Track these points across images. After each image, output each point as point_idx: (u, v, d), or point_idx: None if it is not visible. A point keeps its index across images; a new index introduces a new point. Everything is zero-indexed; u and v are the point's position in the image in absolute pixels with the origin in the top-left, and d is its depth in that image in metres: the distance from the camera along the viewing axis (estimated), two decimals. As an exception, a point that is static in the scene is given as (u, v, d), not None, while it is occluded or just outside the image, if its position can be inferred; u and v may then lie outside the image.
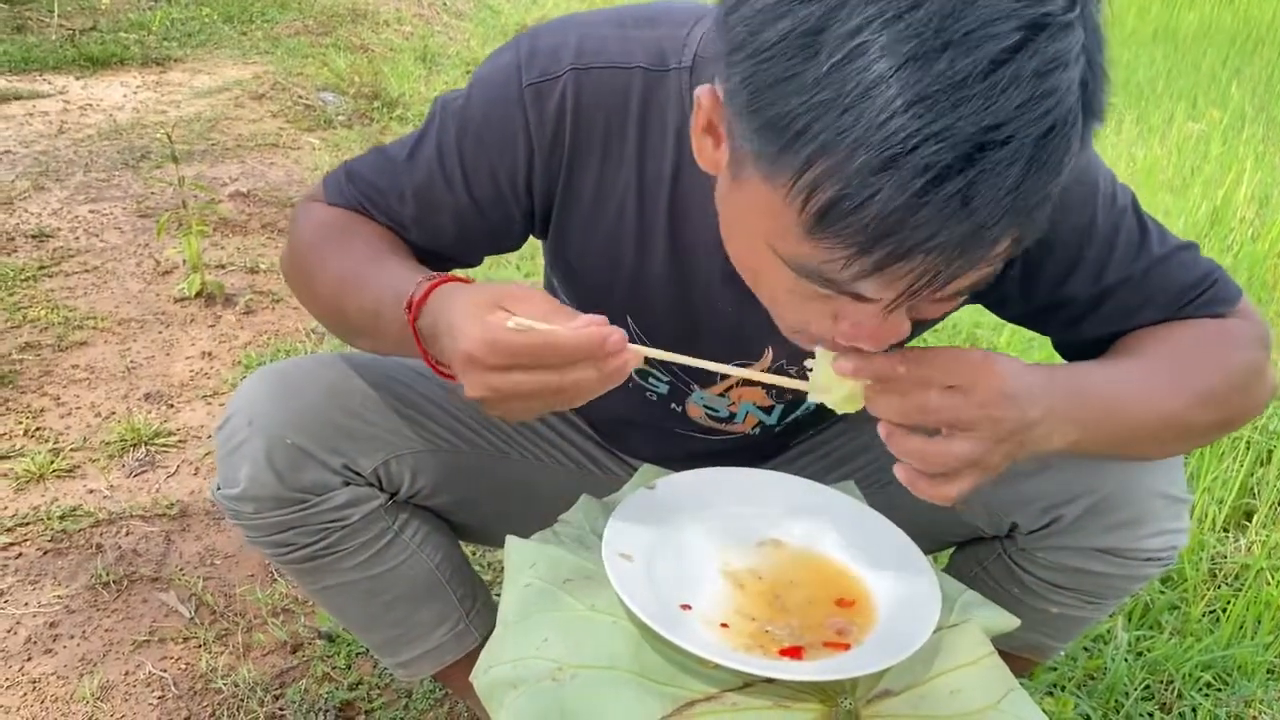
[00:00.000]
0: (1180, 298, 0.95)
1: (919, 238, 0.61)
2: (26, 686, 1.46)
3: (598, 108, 0.89)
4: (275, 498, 0.99)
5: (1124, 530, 1.00)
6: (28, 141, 3.48)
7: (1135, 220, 0.94)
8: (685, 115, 0.88)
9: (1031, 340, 2.56)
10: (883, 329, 0.73)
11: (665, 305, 0.97)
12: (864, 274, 0.65)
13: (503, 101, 0.90)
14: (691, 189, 0.90)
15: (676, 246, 0.94)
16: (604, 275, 0.97)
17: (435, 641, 1.16)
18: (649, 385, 1.06)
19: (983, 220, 0.61)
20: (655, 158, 0.90)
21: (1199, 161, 3.92)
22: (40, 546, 1.72)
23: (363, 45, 5.02)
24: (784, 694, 0.79)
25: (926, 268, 0.64)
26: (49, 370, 2.21)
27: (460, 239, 0.99)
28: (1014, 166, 0.59)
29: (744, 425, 1.10)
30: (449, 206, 0.96)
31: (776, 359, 1.00)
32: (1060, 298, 0.95)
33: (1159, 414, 0.89)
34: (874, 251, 0.63)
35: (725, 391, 1.04)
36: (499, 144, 0.91)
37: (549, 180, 0.92)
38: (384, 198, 0.98)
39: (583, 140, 0.90)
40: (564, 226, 0.96)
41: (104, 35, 4.67)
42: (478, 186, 0.94)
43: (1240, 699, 1.52)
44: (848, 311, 0.73)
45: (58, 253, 2.73)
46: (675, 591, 0.85)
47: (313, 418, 0.98)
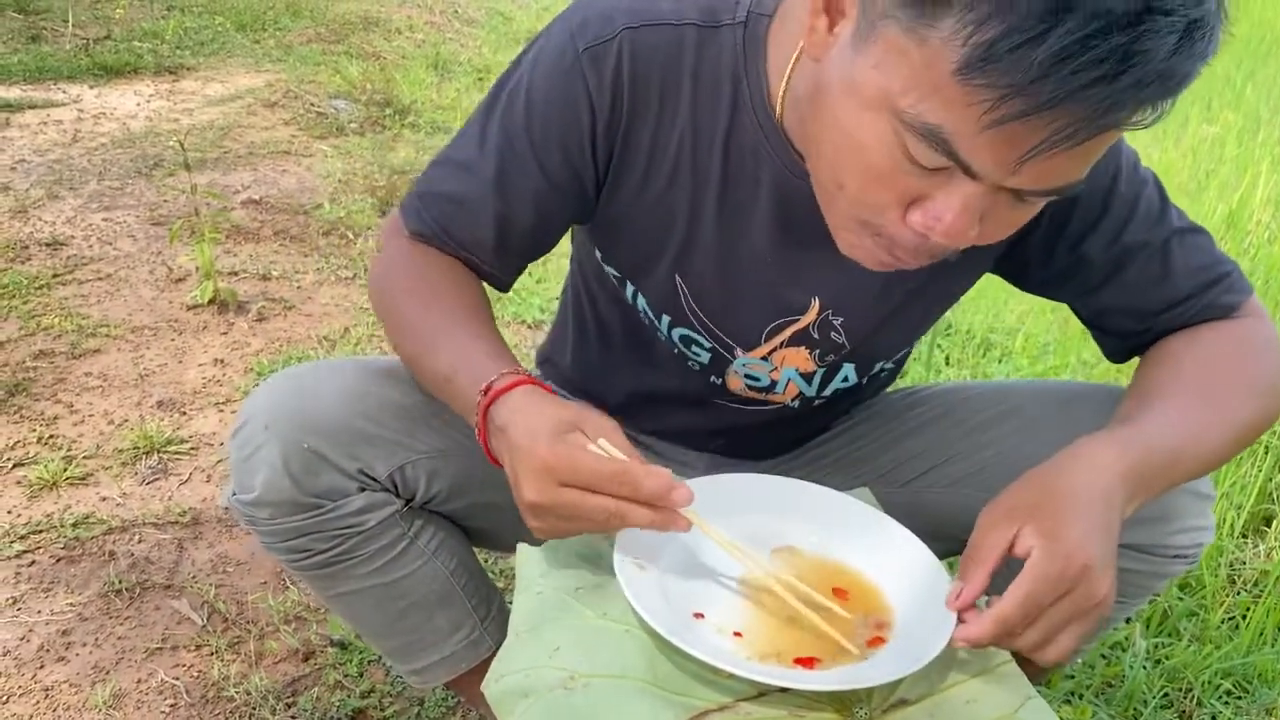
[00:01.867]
0: (1199, 277, 0.97)
1: (1074, 85, 0.63)
2: (39, 694, 1.46)
3: (653, 65, 0.90)
4: (291, 503, 0.98)
5: (1151, 526, 0.99)
6: (42, 150, 3.50)
7: (1157, 193, 0.97)
8: (739, 70, 0.90)
9: (1046, 346, 2.55)
10: (959, 221, 0.74)
11: (714, 262, 0.98)
12: (1006, 119, 0.65)
13: (561, 72, 0.91)
14: (745, 141, 0.92)
15: (728, 201, 0.95)
16: (656, 235, 0.98)
17: (449, 649, 1.15)
18: (691, 354, 1.06)
19: (1136, 79, 0.63)
20: (709, 113, 0.92)
21: (1214, 165, 3.90)
22: (53, 554, 1.72)
23: (375, 53, 5.04)
24: (799, 703, 0.78)
25: (1066, 122, 0.65)
26: (62, 378, 2.22)
27: (538, 221, 0.99)
28: (1170, 37, 0.62)
29: (784, 395, 1.09)
30: (526, 190, 0.96)
31: (823, 311, 1.00)
32: (1079, 257, 0.97)
33: (1206, 459, 0.91)
34: (1026, 95, 0.64)
35: (769, 355, 1.03)
36: (563, 115, 0.92)
37: (609, 142, 0.94)
38: (462, 209, 0.98)
39: (639, 99, 0.91)
40: (619, 187, 0.97)
41: (118, 44, 4.69)
42: (549, 163, 0.95)
43: (1261, 707, 1.50)
44: (933, 195, 0.74)
45: (71, 260, 2.74)
46: (688, 600, 0.84)
47: (329, 422, 0.98)
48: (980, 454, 1.09)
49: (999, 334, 2.60)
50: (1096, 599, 0.78)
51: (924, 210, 0.75)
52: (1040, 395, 1.09)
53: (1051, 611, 0.77)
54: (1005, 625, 0.77)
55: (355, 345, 2.45)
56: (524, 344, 2.51)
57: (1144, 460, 0.84)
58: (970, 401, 1.13)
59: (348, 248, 2.99)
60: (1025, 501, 0.81)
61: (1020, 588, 0.76)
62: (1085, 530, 0.78)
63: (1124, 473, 0.82)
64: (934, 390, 1.19)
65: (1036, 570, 0.77)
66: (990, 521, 0.82)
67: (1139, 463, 0.83)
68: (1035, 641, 0.78)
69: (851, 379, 1.08)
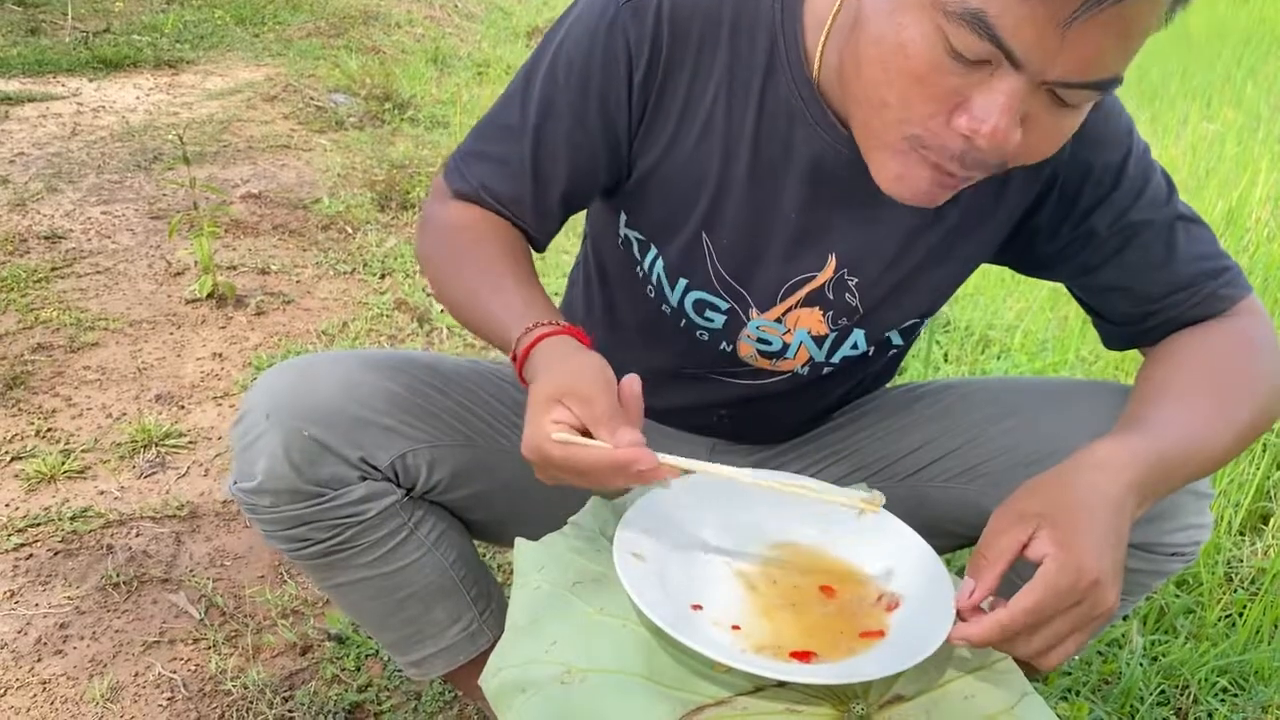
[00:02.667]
0: (1200, 266, 0.98)
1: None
2: (36, 687, 1.46)
3: (693, 18, 0.92)
4: (292, 491, 0.98)
5: (1149, 525, 0.99)
6: (41, 143, 3.49)
7: (1164, 180, 0.98)
8: (776, 27, 0.91)
9: (1044, 343, 2.55)
10: (1003, 119, 0.74)
11: (740, 217, 0.99)
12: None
13: (604, 27, 0.93)
14: (778, 99, 0.93)
15: (760, 159, 0.95)
16: (686, 191, 0.99)
17: (448, 641, 1.15)
18: (702, 322, 1.06)
19: None
20: (745, 68, 0.93)
21: (1214, 162, 3.90)
22: (51, 547, 1.72)
23: (374, 47, 5.03)
24: (796, 698, 0.78)
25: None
26: (60, 371, 2.22)
27: (577, 179, 1.01)
28: None
29: (794, 361, 1.08)
30: (564, 147, 0.98)
31: (838, 269, 1.00)
32: (1086, 232, 0.97)
33: (1213, 459, 0.91)
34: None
35: (782, 316, 1.04)
36: (604, 69, 0.94)
37: (645, 96, 0.95)
38: (503, 169, 1.00)
39: (677, 53, 0.93)
40: (650, 141, 0.98)
41: (117, 37, 4.69)
42: (588, 118, 0.96)
43: (1257, 704, 1.50)
44: (974, 96, 0.74)
45: (70, 254, 2.74)
46: (686, 593, 0.84)
47: (331, 411, 0.98)
48: (980, 450, 1.09)
49: (997, 330, 2.60)
50: (1102, 609, 0.78)
51: (968, 112, 0.75)
52: (1041, 392, 1.09)
53: (1057, 621, 0.78)
54: (1008, 631, 0.77)
55: (354, 339, 2.45)
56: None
57: (1156, 464, 0.84)
58: (971, 397, 1.13)
59: (346, 242, 2.99)
60: (1040, 506, 0.81)
61: (1029, 597, 0.76)
62: (1098, 541, 0.78)
63: (1137, 479, 0.82)
64: (934, 385, 1.19)
65: (1048, 581, 0.77)
66: (1004, 523, 0.81)
67: (1151, 468, 0.83)
68: (1036, 649, 0.78)
69: (861, 345, 1.08)
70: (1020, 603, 0.77)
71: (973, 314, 2.66)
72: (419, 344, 2.48)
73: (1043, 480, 0.83)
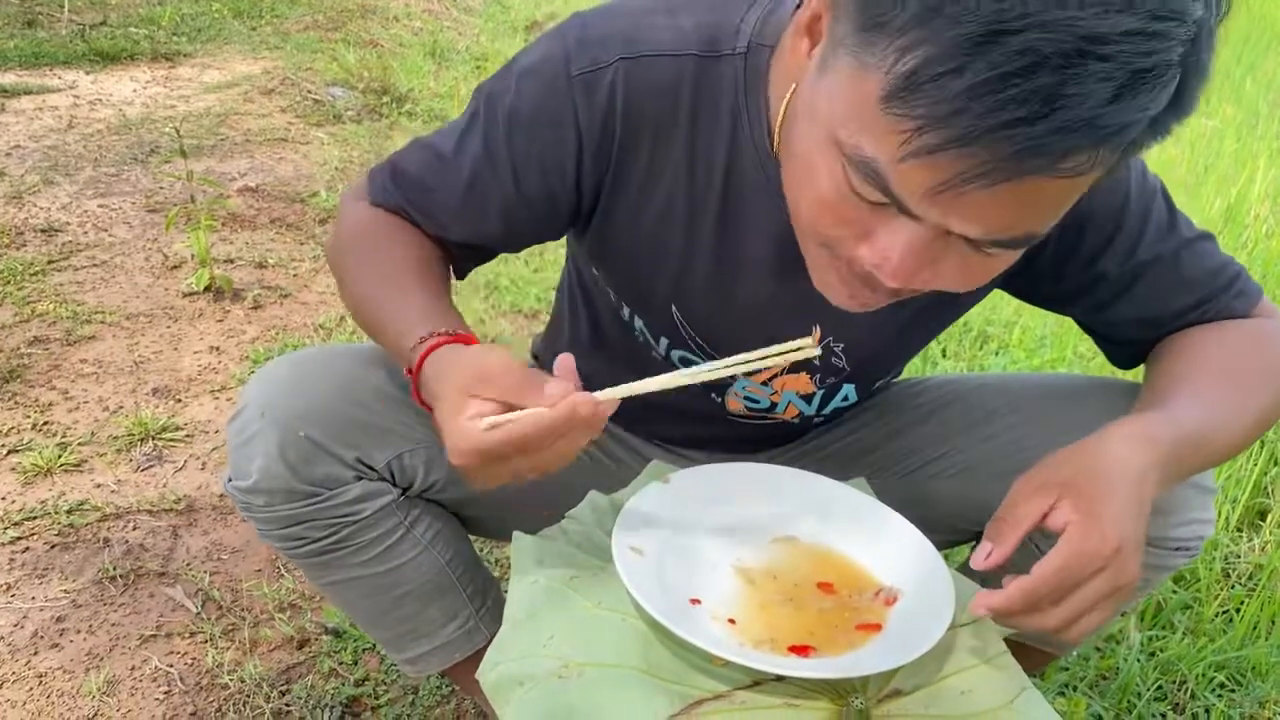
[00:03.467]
0: (1209, 283, 0.97)
1: (992, 123, 0.60)
2: (33, 681, 1.45)
3: (647, 97, 0.88)
4: (287, 490, 0.98)
5: (1154, 519, 0.98)
6: (37, 136, 3.48)
7: (1165, 204, 0.96)
8: (739, 101, 0.88)
9: (1043, 338, 2.55)
10: (906, 261, 0.71)
11: (711, 296, 0.97)
12: (923, 151, 0.63)
13: (551, 93, 0.89)
14: (744, 174, 0.90)
15: (727, 236, 0.93)
16: (650, 267, 0.97)
17: (444, 638, 1.15)
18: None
19: (1060, 124, 0.59)
20: (707, 144, 0.90)
21: (1213, 159, 3.90)
22: (47, 541, 1.71)
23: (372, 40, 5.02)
24: (794, 693, 0.77)
25: (985, 159, 0.62)
26: (57, 364, 2.21)
27: (505, 232, 0.99)
28: (1105, 85, 0.59)
29: (784, 415, 1.09)
30: (496, 202, 0.95)
31: (824, 338, 0.99)
32: (1093, 275, 0.96)
33: (1231, 444, 0.90)
34: (942, 128, 0.61)
35: (768, 381, 1.03)
36: (547, 137, 0.90)
37: (598, 171, 0.92)
38: (428, 197, 0.98)
39: (632, 130, 0.89)
40: (610, 217, 0.95)
41: (114, 30, 4.67)
42: (526, 181, 0.93)
43: (1254, 700, 1.50)
44: (881, 231, 0.72)
45: (66, 247, 2.73)
46: (685, 587, 0.84)
47: (326, 410, 0.97)
48: (981, 447, 1.09)
49: (996, 326, 2.60)
50: (1126, 579, 0.77)
51: (870, 245, 0.73)
52: (1042, 389, 1.09)
53: (1083, 590, 0.76)
54: (1032, 598, 0.76)
55: (351, 333, 2.45)
56: (520, 333, 2.51)
57: (1176, 443, 0.83)
58: (972, 394, 1.13)
59: (344, 236, 2.98)
60: (1063, 476, 0.80)
61: (1053, 562, 0.75)
62: (1120, 511, 0.77)
63: (1159, 456, 0.81)
64: (935, 382, 1.19)
65: (1073, 545, 0.75)
66: (1026, 491, 0.81)
67: (1172, 446, 0.83)
68: (1063, 619, 0.77)
69: (852, 398, 1.08)
70: (1044, 568, 0.75)
71: (971, 311, 2.66)
72: (417, 338, 2.47)
73: (1067, 452, 0.82)
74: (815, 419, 1.11)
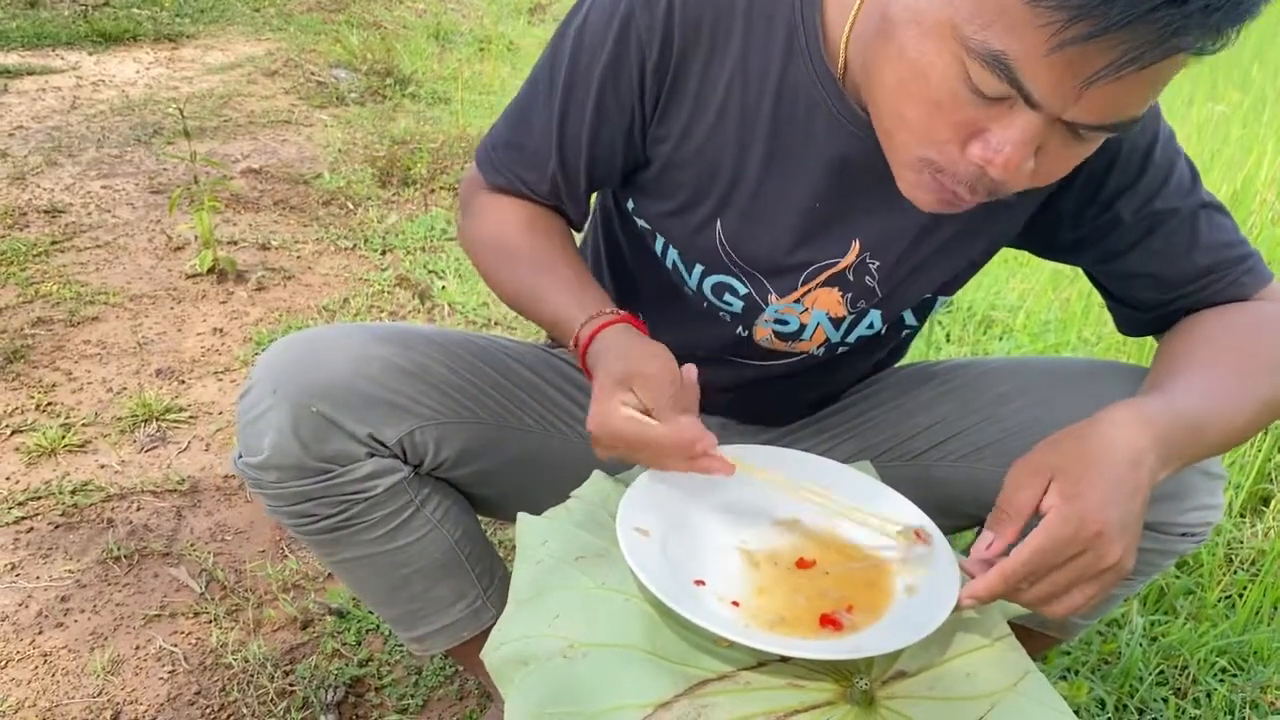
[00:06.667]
0: (1223, 254, 0.97)
1: (1143, 7, 0.63)
2: (38, 660, 1.46)
3: (705, 5, 0.90)
4: (299, 467, 0.98)
5: (1161, 505, 0.99)
6: (40, 117, 3.47)
7: (1188, 168, 0.97)
8: (795, 16, 0.90)
9: (1047, 323, 2.54)
10: (1016, 154, 0.74)
11: (756, 204, 0.98)
12: (1073, 41, 0.66)
13: (618, 15, 0.92)
14: (798, 86, 0.91)
15: (777, 148, 0.95)
16: (699, 180, 0.98)
17: (452, 617, 1.15)
18: (724, 304, 1.05)
19: (1204, 3, 0.63)
20: (760, 55, 0.91)
21: (1219, 144, 3.88)
22: (51, 521, 1.72)
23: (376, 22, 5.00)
24: (798, 673, 0.78)
25: (1133, 44, 0.65)
26: (61, 345, 2.21)
27: (601, 161, 1.01)
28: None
29: (810, 342, 1.08)
30: (585, 132, 0.98)
31: (861, 253, 0.99)
32: (1110, 219, 0.97)
33: (1234, 431, 0.90)
34: (1095, 15, 0.64)
35: (801, 298, 1.03)
36: (615, 56, 0.93)
37: (658, 83, 0.94)
38: (527, 157, 1.02)
39: (690, 39, 0.91)
40: (664, 130, 0.97)
41: (117, 11, 4.66)
42: (605, 103, 0.96)
43: (1256, 684, 1.51)
44: (990, 127, 0.74)
45: (70, 228, 2.73)
46: (689, 568, 0.84)
47: (339, 386, 0.97)
48: (990, 429, 1.08)
49: (1000, 311, 2.60)
50: (1107, 564, 0.77)
51: (983, 142, 0.75)
52: (1051, 372, 1.09)
53: (1058, 572, 0.77)
54: (1009, 581, 0.78)
55: (355, 315, 2.45)
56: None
57: (1175, 425, 0.83)
58: (981, 377, 1.13)
59: (347, 217, 2.98)
60: (1054, 460, 0.80)
61: (1028, 545, 0.77)
62: (1107, 494, 0.77)
63: (1156, 438, 0.81)
64: (944, 365, 1.18)
65: (1049, 530, 0.77)
66: (1020, 478, 0.81)
67: (1170, 429, 0.83)
68: (1040, 596, 0.78)
69: (876, 325, 1.07)
70: (1020, 551, 0.77)
71: (975, 295, 2.65)
72: (420, 320, 2.47)
73: (1061, 436, 0.83)
74: (839, 348, 1.10)
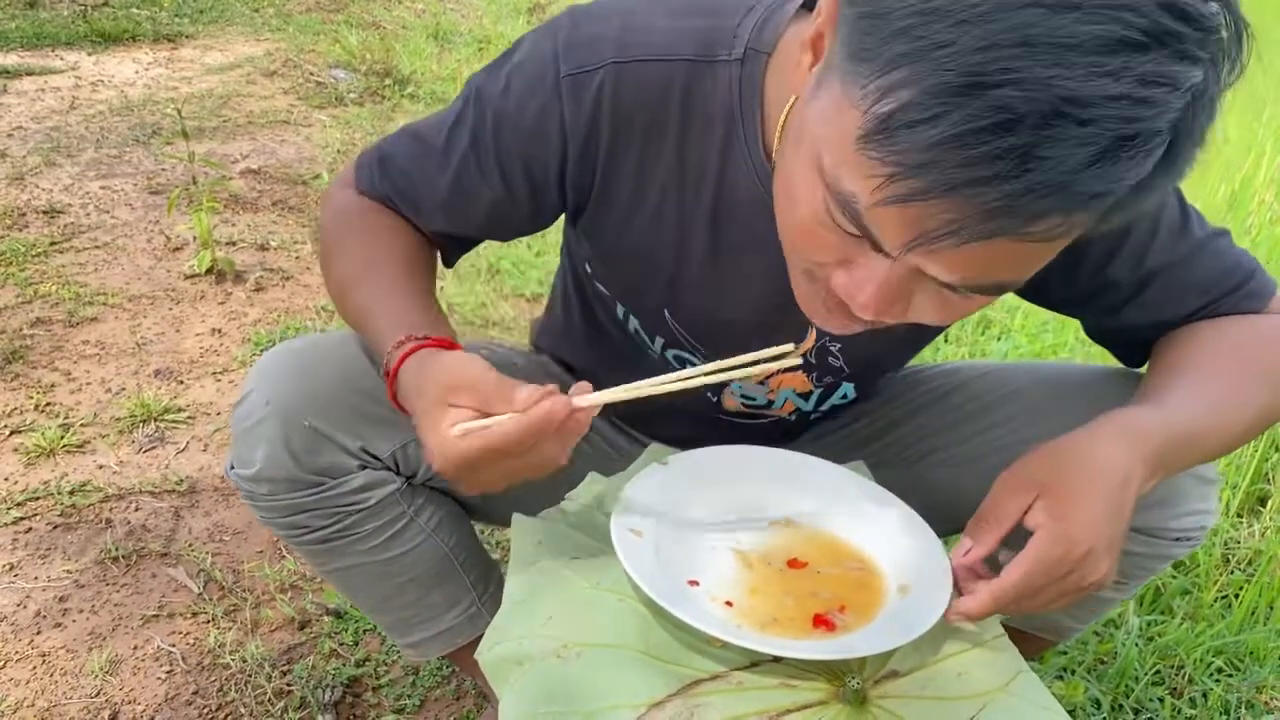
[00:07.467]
0: (1220, 284, 0.94)
1: (962, 178, 0.58)
2: (36, 660, 1.46)
3: (637, 102, 0.86)
4: (291, 479, 0.98)
5: (1154, 510, 0.99)
6: (39, 117, 3.47)
7: (1177, 203, 0.92)
8: (733, 108, 0.85)
9: (1045, 323, 2.54)
10: (878, 297, 0.69)
11: (704, 300, 0.96)
12: (895, 200, 0.61)
13: (539, 92, 0.87)
14: (736, 184, 0.88)
15: (720, 243, 0.91)
16: (642, 269, 0.96)
17: (447, 624, 1.15)
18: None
19: (1031, 185, 0.57)
20: (698, 153, 0.88)
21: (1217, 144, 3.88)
22: (50, 521, 1.72)
23: (375, 22, 5.00)
24: (791, 673, 0.78)
25: (956, 216, 0.60)
26: (59, 345, 2.22)
27: (491, 224, 0.99)
28: (1083, 149, 0.56)
29: (782, 410, 1.09)
30: (483, 196, 0.95)
31: (819, 339, 0.99)
32: (1102, 282, 0.94)
33: (1226, 440, 0.90)
34: (913, 177, 0.59)
35: (764, 380, 1.03)
36: (534, 135, 0.89)
37: (584, 175, 0.90)
38: (415, 189, 0.98)
39: (620, 135, 0.87)
40: (600, 219, 0.94)
41: (116, 11, 4.66)
42: (512, 178, 0.92)
43: (1252, 684, 1.51)
44: (856, 261, 0.70)
45: (69, 228, 2.73)
46: (683, 568, 0.84)
47: (331, 399, 0.97)
48: (983, 436, 1.08)
49: (998, 311, 2.60)
50: (1090, 581, 0.79)
51: (847, 276, 0.71)
52: (1044, 379, 1.08)
53: (1046, 589, 0.78)
54: (1000, 601, 0.78)
55: (353, 316, 2.45)
56: (522, 317, 2.51)
57: (1167, 440, 0.83)
58: (974, 383, 1.13)
59: (346, 218, 2.97)
60: (1044, 474, 0.80)
61: (1020, 567, 0.77)
62: (1096, 513, 0.77)
63: (1147, 454, 0.81)
64: (938, 370, 1.18)
65: (1039, 552, 0.77)
66: (1008, 489, 0.81)
67: (1163, 443, 0.82)
68: (1026, 611, 0.80)
69: (851, 395, 1.08)
70: (1011, 573, 0.78)
71: (973, 295, 2.66)
72: (418, 321, 2.47)
73: (1051, 448, 0.82)
74: (814, 415, 1.10)
